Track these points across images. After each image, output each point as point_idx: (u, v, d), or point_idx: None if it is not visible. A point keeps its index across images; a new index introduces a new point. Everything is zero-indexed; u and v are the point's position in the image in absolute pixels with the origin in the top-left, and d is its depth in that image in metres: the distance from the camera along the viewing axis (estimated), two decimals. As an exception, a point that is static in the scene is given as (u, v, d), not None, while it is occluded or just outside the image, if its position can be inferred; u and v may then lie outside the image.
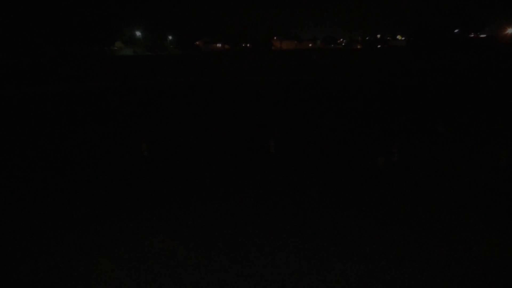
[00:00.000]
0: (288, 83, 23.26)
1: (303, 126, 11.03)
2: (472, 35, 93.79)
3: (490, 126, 10.60)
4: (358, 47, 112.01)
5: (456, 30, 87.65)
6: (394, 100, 15.83)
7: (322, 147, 8.66)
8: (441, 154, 8.02)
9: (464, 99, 15.78)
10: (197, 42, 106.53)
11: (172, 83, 24.54)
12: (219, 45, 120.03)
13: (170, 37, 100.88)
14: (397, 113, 12.79)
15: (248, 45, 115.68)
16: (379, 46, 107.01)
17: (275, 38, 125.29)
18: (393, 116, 12.24)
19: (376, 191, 6.15)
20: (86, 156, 8.49)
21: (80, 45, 69.03)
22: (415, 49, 67.11)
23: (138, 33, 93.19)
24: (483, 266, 4.16)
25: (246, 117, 12.63)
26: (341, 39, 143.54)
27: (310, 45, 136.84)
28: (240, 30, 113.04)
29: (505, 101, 15.08)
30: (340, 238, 4.77)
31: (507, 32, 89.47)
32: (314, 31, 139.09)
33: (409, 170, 7.07)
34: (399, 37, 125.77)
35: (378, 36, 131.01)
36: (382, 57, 51.54)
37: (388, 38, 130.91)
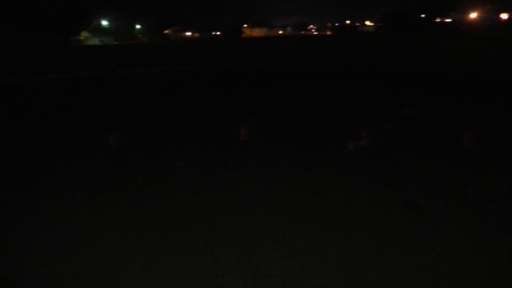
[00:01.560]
0: (258, 69, 23.29)
1: (274, 113, 11.07)
2: (439, 20, 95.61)
3: (453, 108, 10.97)
4: (328, 33, 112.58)
5: (422, 15, 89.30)
6: (361, 85, 16.12)
7: (292, 134, 8.68)
8: (407, 137, 8.21)
9: (431, 82, 16.23)
10: (167, 31, 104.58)
11: (139, 72, 24.11)
12: (189, 33, 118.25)
13: (138, 26, 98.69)
14: (365, 97, 13.03)
15: (218, 33, 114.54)
16: (349, 30, 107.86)
17: (245, 25, 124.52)
18: (362, 100, 12.46)
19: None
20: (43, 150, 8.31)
21: (43, 36, 66.59)
22: (382, 33, 68.09)
23: (104, 22, 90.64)
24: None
25: (215, 106, 12.60)
26: (311, 26, 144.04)
27: (281, 32, 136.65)
28: (210, 18, 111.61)
29: (468, 83, 15.62)
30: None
31: (470, 16, 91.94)
32: (285, 18, 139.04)
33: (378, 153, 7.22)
34: (367, 23, 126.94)
35: (348, 22, 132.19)
36: (351, 42, 52.05)
37: (357, 24, 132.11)
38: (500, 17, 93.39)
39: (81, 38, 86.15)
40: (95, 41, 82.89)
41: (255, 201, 5.30)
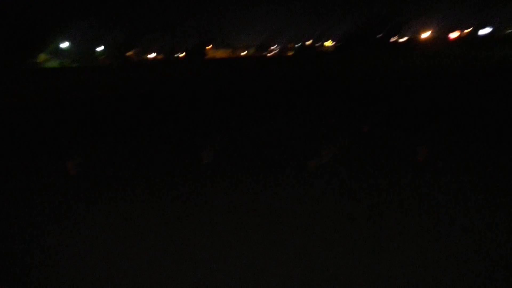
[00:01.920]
0: (220, 90, 23.56)
1: (234, 132, 11.23)
2: (393, 39, 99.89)
3: (409, 123, 11.52)
4: (290, 53, 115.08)
5: (379, 35, 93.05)
6: (320, 103, 16.66)
7: (254, 152, 8.78)
8: (364, 153, 8.51)
9: (387, 98, 16.97)
10: (129, 53, 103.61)
11: (99, 95, 23.83)
12: (152, 55, 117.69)
13: (100, 48, 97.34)
14: (324, 114, 13.44)
15: (182, 54, 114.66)
16: (309, 51, 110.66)
17: (209, 47, 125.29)
18: (320, 118, 12.85)
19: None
20: None
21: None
22: (341, 53, 70.50)
23: (65, 45, 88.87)
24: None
25: (175, 128, 12.68)
26: (274, 46, 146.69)
27: (245, 52, 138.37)
28: (172, 39, 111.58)
29: (422, 99, 16.47)
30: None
31: (422, 36, 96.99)
32: (247, 38, 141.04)
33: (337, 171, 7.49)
34: (327, 43, 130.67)
35: (309, 42, 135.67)
36: (311, 61, 53.58)
37: (317, 44, 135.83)
38: (449, 36, 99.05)
39: (39, 61, 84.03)
40: (54, 63, 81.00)
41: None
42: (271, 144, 9.43)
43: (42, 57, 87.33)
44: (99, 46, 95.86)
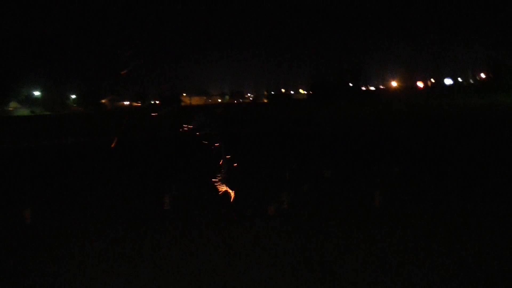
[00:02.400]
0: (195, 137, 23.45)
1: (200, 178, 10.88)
2: (364, 88, 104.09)
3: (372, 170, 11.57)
4: (264, 101, 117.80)
5: (350, 84, 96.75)
6: (288, 148, 16.73)
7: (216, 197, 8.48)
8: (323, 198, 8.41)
9: (354, 145, 17.23)
10: (103, 100, 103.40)
11: (72, 143, 23.27)
12: (127, 102, 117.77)
13: (73, 96, 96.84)
14: (289, 160, 13.43)
15: (157, 102, 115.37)
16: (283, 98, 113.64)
17: (184, 94, 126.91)
18: (285, 163, 12.81)
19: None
20: None
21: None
22: (313, 101, 72.52)
23: (36, 93, 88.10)
24: None
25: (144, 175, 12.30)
26: (248, 94, 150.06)
27: (220, 100, 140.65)
28: (145, 86, 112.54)
29: (390, 146, 16.79)
30: None
31: (391, 84, 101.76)
32: (221, 85, 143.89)
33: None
34: (301, 91, 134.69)
35: (283, 90, 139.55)
36: (284, 109, 54.72)
37: (292, 92, 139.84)
38: (417, 85, 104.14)
39: (10, 108, 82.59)
40: (25, 111, 79.68)
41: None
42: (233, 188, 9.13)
43: (13, 104, 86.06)
44: (71, 94, 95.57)
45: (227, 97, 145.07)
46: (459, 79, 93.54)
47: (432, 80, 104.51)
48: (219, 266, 5.24)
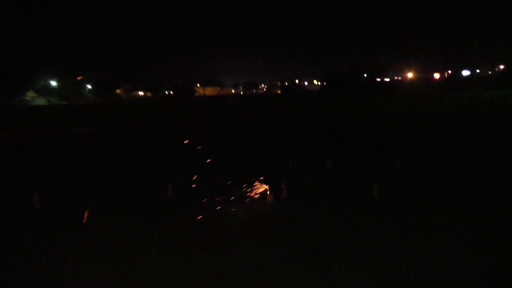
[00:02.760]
0: (208, 128, 23.67)
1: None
2: (379, 79, 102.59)
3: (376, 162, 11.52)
4: (278, 92, 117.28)
5: (364, 75, 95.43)
6: (296, 140, 16.73)
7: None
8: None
9: (360, 137, 17.15)
10: (118, 90, 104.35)
11: (85, 132, 23.65)
12: (141, 93, 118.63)
13: (89, 86, 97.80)
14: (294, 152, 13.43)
15: (171, 92, 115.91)
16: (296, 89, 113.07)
17: (198, 85, 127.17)
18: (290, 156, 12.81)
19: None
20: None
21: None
22: (327, 92, 71.90)
23: (53, 82, 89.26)
24: None
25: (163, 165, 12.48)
26: (262, 85, 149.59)
27: (233, 91, 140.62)
28: (160, 76, 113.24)
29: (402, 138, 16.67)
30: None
31: (407, 76, 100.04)
32: (235, 76, 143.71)
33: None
34: (315, 82, 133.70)
35: (297, 81, 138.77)
36: (297, 100, 54.49)
37: (306, 83, 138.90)
38: (434, 77, 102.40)
39: (28, 98, 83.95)
40: (42, 101, 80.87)
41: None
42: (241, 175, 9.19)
43: (30, 94, 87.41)
44: (87, 83, 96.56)
45: (240, 87, 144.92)
46: (477, 71, 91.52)
47: (449, 71, 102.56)
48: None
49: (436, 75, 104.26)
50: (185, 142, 7.87)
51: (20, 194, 8.95)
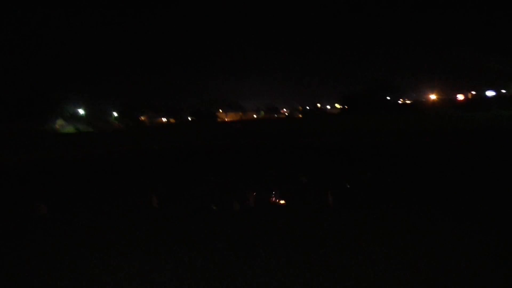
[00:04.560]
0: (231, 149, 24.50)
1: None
2: (400, 101, 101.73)
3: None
4: (300, 116, 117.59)
5: (388, 97, 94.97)
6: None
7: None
8: None
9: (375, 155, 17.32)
10: (142, 117, 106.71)
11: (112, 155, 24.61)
12: (164, 119, 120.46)
13: (115, 114, 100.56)
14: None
15: (193, 118, 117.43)
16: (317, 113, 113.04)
17: (220, 110, 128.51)
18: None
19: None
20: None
21: (15, 123, 66.62)
22: (348, 115, 71.76)
23: (80, 111, 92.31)
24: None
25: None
26: (284, 109, 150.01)
27: (255, 115, 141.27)
28: (180, 101, 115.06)
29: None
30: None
31: (429, 97, 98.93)
32: (255, 100, 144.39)
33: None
34: (337, 105, 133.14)
35: (319, 105, 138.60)
36: (317, 123, 54.88)
37: (328, 106, 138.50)
38: (457, 98, 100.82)
39: (57, 126, 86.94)
40: (70, 129, 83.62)
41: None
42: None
43: (59, 122, 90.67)
44: (113, 111, 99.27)
45: (262, 112, 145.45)
46: (502, 91, 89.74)
47: (473, 92, 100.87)
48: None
49: (460, 96, 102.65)
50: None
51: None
